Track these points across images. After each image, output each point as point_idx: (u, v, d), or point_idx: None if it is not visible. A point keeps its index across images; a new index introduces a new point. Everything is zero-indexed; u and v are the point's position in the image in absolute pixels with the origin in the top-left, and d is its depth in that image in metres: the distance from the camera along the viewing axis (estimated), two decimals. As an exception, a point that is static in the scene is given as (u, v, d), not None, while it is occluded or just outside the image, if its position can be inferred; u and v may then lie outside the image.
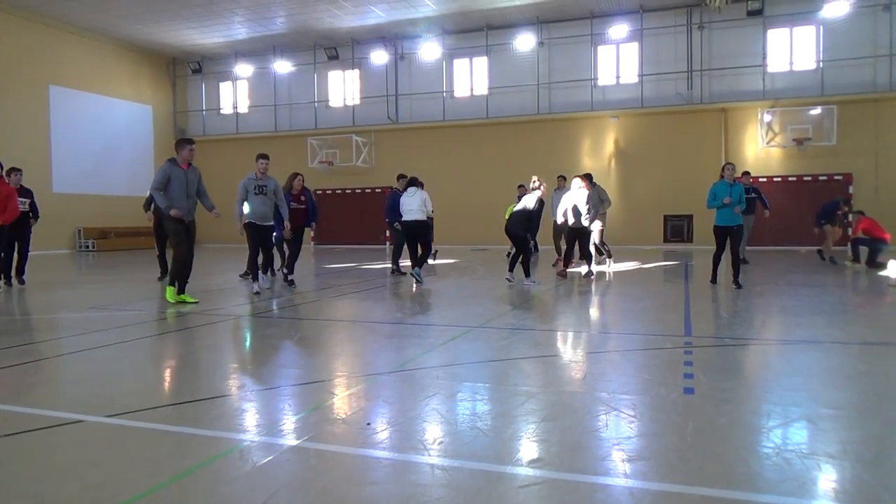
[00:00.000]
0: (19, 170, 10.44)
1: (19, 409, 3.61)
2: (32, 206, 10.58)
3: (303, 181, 10.19)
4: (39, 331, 6.41)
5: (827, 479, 2.59)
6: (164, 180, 7.60)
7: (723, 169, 9.40)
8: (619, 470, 2.69)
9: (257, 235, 8.99)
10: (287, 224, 9.39)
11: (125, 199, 23.87)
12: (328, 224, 22.05)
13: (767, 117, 19.65)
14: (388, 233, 12.74)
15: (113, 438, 3.20)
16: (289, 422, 3.45)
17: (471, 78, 23.13)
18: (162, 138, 26.09)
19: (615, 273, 12.00)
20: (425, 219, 10.64)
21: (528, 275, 9.91)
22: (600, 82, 21.53)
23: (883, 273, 10.90)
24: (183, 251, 7.81)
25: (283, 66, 24.71)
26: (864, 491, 2.49)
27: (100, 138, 23.20)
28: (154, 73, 25.97)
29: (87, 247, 22.30)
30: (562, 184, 13.55)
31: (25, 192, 10.48)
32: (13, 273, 10.39)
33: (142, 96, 25.42)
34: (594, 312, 7.63)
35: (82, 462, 2.89)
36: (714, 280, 9.60)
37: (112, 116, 23.95)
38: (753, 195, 13.20)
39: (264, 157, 8.98)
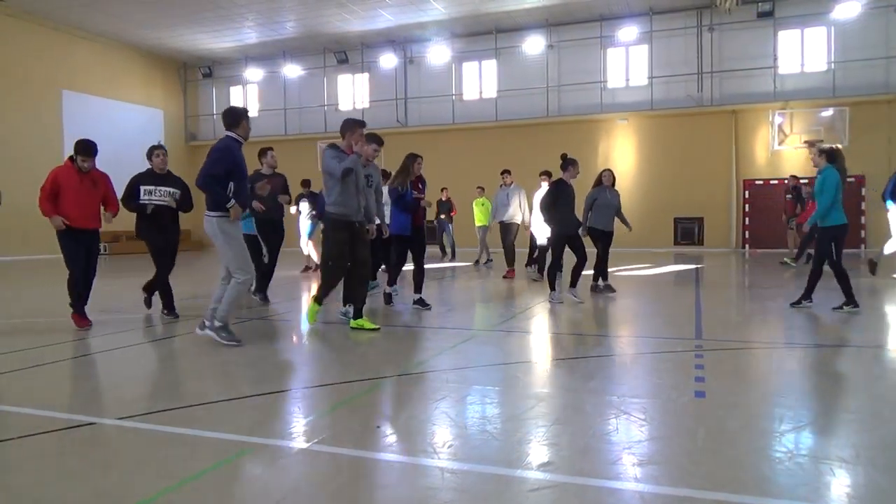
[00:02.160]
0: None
1: (31, 412, 3.64)
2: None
3: (421, 164, 7.77)
4: (50, 333, 6.46)
5: (840, 484, 2.56)
6: None
7: (832, 153, 7.10)
8: (630, 474, 2.68)
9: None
10: (383, 225, 7.42)
11: (137, 203, 24.04)
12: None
13: (778, 119, 19.54)
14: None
15: (125, 440, 3.22)
16: (300, 424, 3.46)
17: (480, 81, 23.15)
18: (173, 142, 26.24)
19: (621, 277, 11.94)
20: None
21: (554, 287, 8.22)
22: (610, 85, 21.49)
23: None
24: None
25: (292, 70, 24.83)
26: (878, 496, 2.47)
27: (112, 142, 23.24)
28: (165, 77, 26.18)
29: (100, 250, 22.46)
30: (507, 180, 11.63)
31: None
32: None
33: (153, 101, 25.63)
34: (603, 316, 7.60)
35: (95, 464, 2.91)
36: (808, 298, 7.36)
37: (124, 121, 24.14)
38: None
39: (379, 140, 7.04)
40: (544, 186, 10.59)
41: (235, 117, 5.49)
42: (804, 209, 13.84)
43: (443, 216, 17.05)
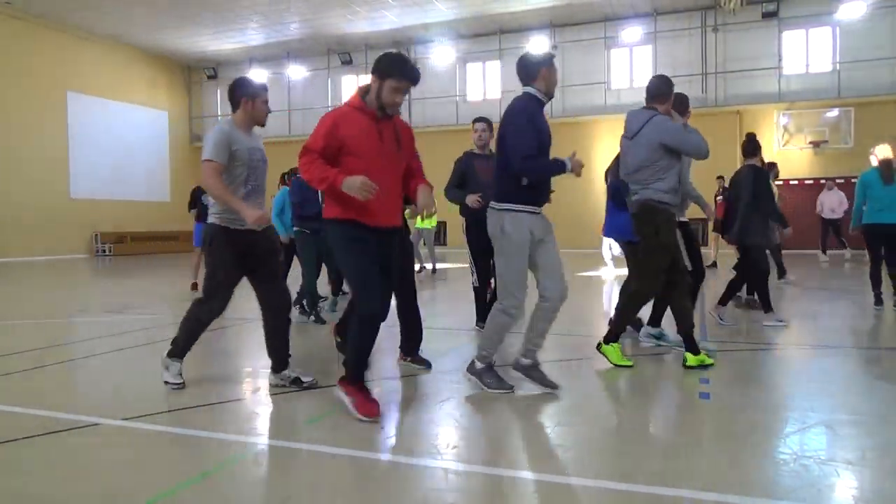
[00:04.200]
0: None
1: (36, 412, 3.65)
2: None
3: None
4: (56, 334, 6.48)
5: (845, 486, 2.55)
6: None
7: None
8: (634, 475, 2.67)
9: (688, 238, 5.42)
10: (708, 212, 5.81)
11: (141, 204, 24.13)
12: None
13: (783, 120, 19.49)
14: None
15: (130, 441, 3.23)
16: (303, 425, 3.46)
17: (484, 82, 23.16)
18: (177, 144, 26.37)
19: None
20: None
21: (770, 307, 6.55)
22: (614, 85, 21.47)
23: None
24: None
25: (297, 72, 24.90)
26: (883, 498, 2.46)
27: (117, 144, 23.47)
28: (170, 79, 26.26)
29: (104, 251, 22.53)
30: None
31: None
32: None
33: (158, 102, 25.70)
34: (605, 317, 7.58)
35: (100, 464, 2.92)
36: (879, 301, 7.35)
37: (129, 122, 24.23)
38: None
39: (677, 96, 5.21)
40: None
41: (527, 68, 3.87)
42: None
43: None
